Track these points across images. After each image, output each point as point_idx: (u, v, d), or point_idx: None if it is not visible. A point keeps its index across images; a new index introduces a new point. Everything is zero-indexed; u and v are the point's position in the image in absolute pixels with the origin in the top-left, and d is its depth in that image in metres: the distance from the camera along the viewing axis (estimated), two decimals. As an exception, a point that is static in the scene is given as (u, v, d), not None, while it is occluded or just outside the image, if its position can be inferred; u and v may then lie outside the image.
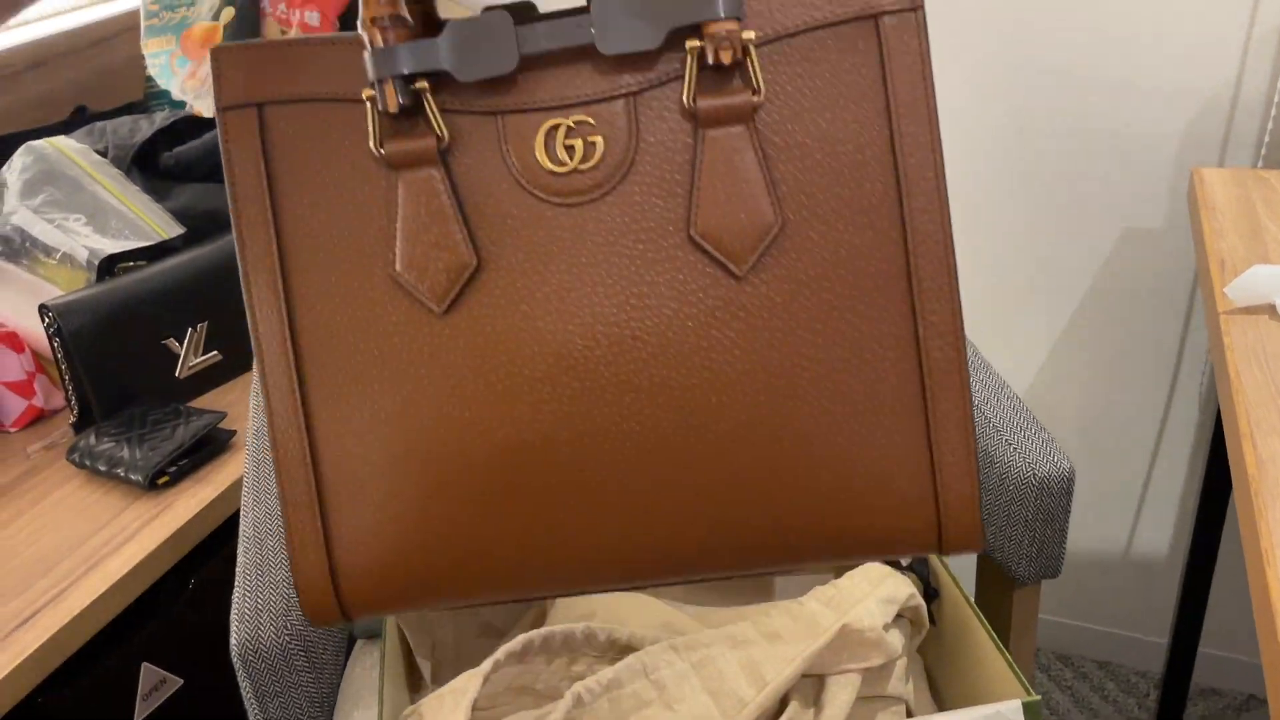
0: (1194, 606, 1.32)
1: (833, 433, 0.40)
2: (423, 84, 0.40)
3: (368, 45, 0.40)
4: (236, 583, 0.71)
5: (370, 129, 0.41)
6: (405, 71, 0.40)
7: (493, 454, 0.40)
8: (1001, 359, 1.45)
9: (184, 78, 1.32)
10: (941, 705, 0.86)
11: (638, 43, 0.39)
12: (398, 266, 0.41)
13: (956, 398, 0.40)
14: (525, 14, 0.41)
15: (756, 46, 0.40)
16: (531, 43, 0.39)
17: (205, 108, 1.33)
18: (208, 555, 0.99)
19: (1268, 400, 0.73)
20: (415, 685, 0.86)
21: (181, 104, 1.34)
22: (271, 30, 1.37)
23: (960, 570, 0.82)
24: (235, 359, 1.14)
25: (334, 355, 0.42)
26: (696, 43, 0.39)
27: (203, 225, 1.16)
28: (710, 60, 0.39)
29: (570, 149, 0.41)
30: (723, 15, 0.39)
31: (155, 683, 0.98)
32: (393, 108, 0.40)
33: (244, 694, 0.69)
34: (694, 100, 0.40)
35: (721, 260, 0.41)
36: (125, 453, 1.01)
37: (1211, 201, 1.04)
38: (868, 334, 0.40)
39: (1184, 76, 1.22)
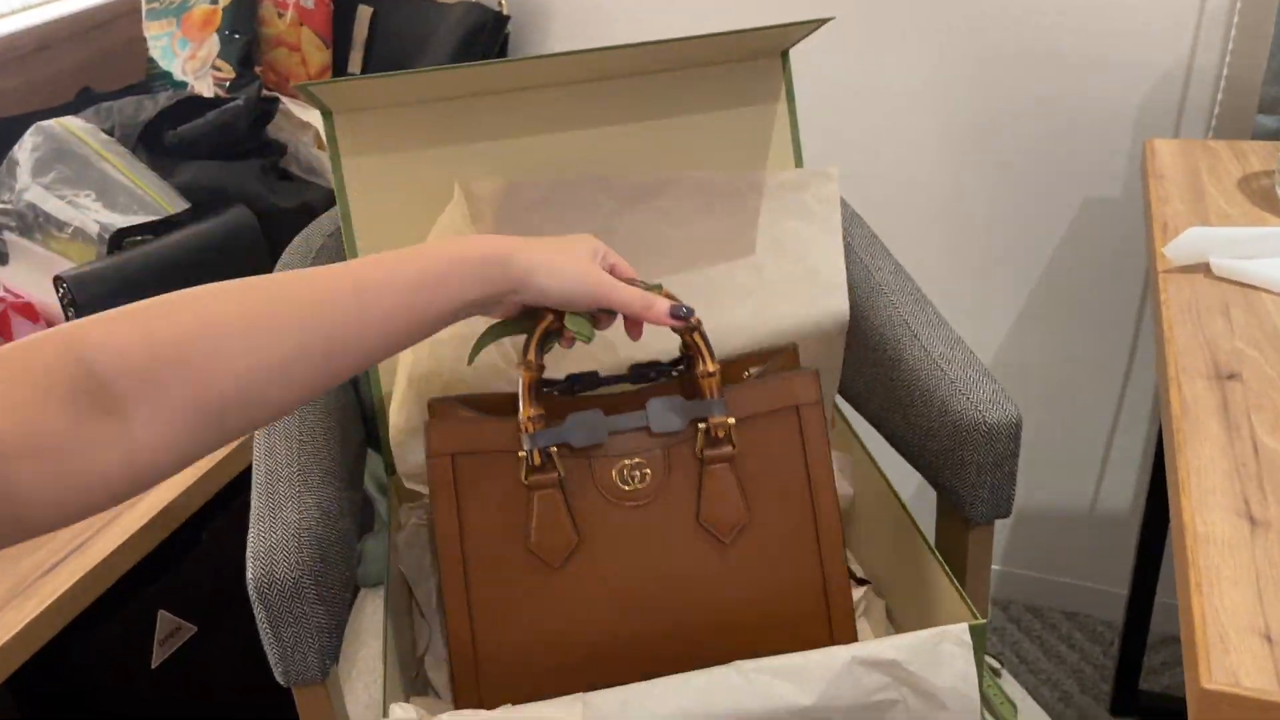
0: (1151, 557, 1.39)
1: (774, 624, 0.77)
2: (554, 449, 0.74)
3: (524, 431, 0.73)
4: (251, 524, 0.78)
5: (521, 471, 0.74)
6: (546, 446, 0.74)
7: (591, 639, 0.76)
8: (966, 328, 1.51)
9: (185, 59, 1.37)
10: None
11: (673, 425, 0.76)
12: (532, 542, 0.75)
13: (843, 609, 0.79)
14: (586, 379, 0.81)
15: (735, 424, 0.76)
16: (614, 426, 0.76)
17: (205, 87, 1.38)
18: (220, 509, 1.05)
19: (1195, 349, 0.80)
20: (416, 639, 0.93)
21: (183, 84, 1.39)
22: (269, 14, 1.42)
23: (919, 512, 0.88)
24: (240, 327, 1.20)
25: (497, 593, 0.76)
26: (704, 424, 0.75)
27: (206, 199, 1.21)
28: (711, 434, 0.75)
29: (633, 476, 0.76)
30: (717, 415, 0.75)
31: (171, 629, 1.04)
32: (537, 463, 0.74)
33: (259, 624, 0.76)
34: (701, 452, 0.76)
35: (716, 535, 0.76)
36: (139, 414, 1.07)
37: (1161, 170, 1.10)
38: (795, 573, 0.78)
39: (1140, 52, 1.28)
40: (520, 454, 0.74)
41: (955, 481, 0.86)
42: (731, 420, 0.75)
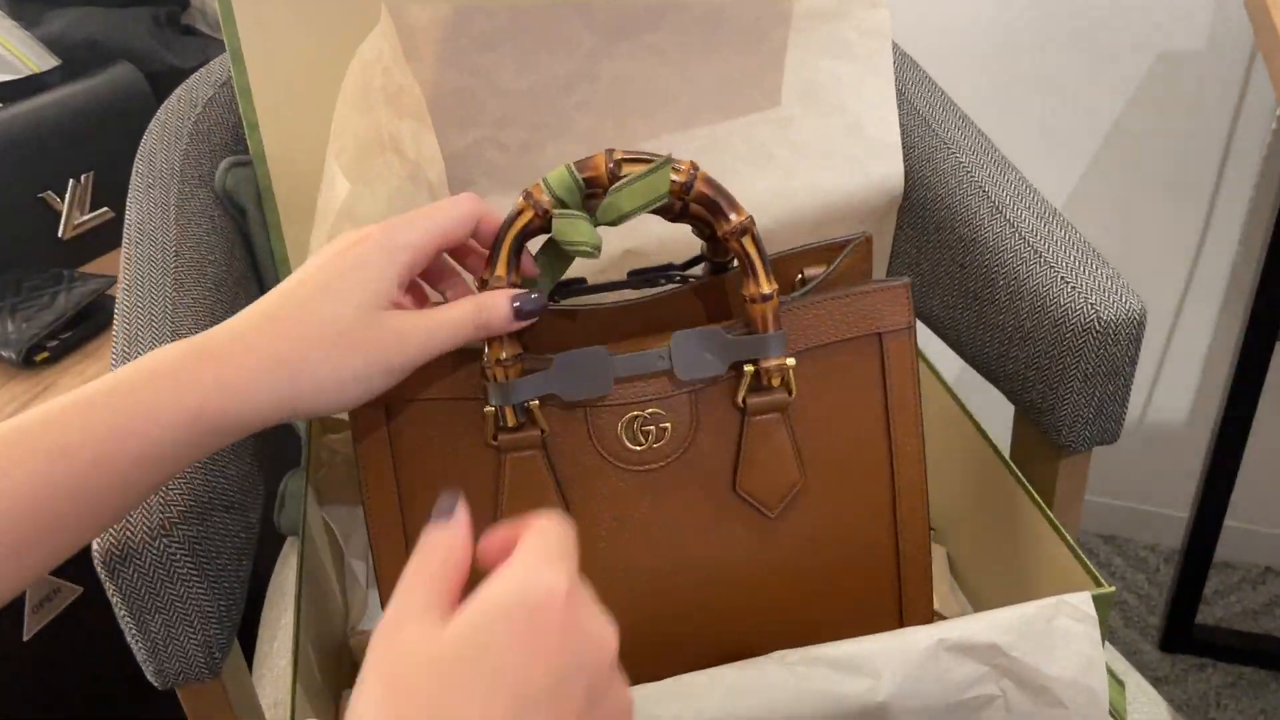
0: (1223, 478, 1.20)
1: (834, 616, 0.57)
2: (534, 403, 0.52)
3: (491, 379, 0.51)
4: (102, 472, 0.56)
5: (487, 428, 0.53)
6: (524, 401, 0.52)
7: None
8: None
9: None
10: (976, 602, 0.74)
11: (707, 371, 0.53)
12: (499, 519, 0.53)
13: (921, 588, 0.57)
14: (571, 286, 0.58)
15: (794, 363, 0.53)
16: (622, 369, 0.53)
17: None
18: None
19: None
20: (348, 599, 0.72)
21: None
22: None
23: (994, 435, 0.68)
24: (129, 215, 0.97)
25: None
26: (751, 368, 0.52)
27: (82, 55, 0.97)
28: (761, 379, 0.53)
29: (646, 433, 0.54)
30: (774, 355, 0.52)
31: (47, 592, 0.84)
32: (511, 424, 0.52)
33: (116, 611, 0.55)
34: (744, 401, 0.53)
35: (758, 508, 0.55)
36: (-10, 324, 0.84)
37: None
38: (862, 551, 0.56)
39: None
40: (487, 410, 0.52)
41: (1050, 398, 0.66)
42: (791, 362, 0.52)
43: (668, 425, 0.53)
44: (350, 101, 0.62)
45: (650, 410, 0.54)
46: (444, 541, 0.37)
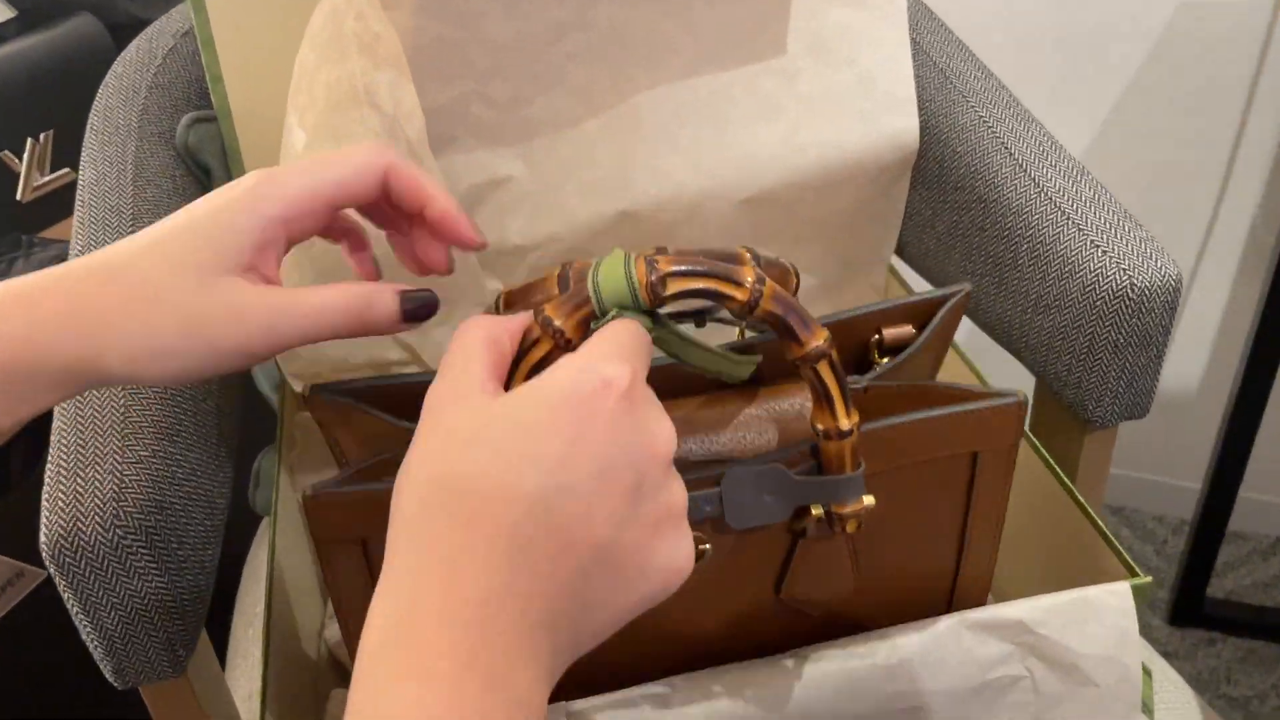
0: (1239, 449, 1.16)
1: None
2: None
3: None
4: (50, 457, 0.52)
5: None
6: None
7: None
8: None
9: None
10: (996, 586, 0.70)
11: (764, 520, 0.43)
12: None
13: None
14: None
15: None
16: None
17: None
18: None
19: None
20: (324, 583, 0.68)
21: None
22: None
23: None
24: (93, 177, 0.91)
25: None
26: (820, 510, 0.43)
27: (40, 6, 0.91)
28: (833, 529, 0.43)
29: None
30: (850, 501, 0.42)
31: (9, 577, 0.79)
32: None
33: (68, 605, 0.50)
34: (803, 531, 0.44)
35: (802, 608, 0.48)
36: (-58, 293, 0.79)
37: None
38: (916, 611, 0.49)
39: None
40: None
41: (1076, 369, 0.61)
42: (870, 501, 0.43)
43: (706, 548, 0.43)
44: (318, 49, 0.57)
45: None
46: (484, 324, 0.36)
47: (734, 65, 0.68)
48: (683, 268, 0.37)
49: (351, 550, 0.42)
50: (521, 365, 0.37)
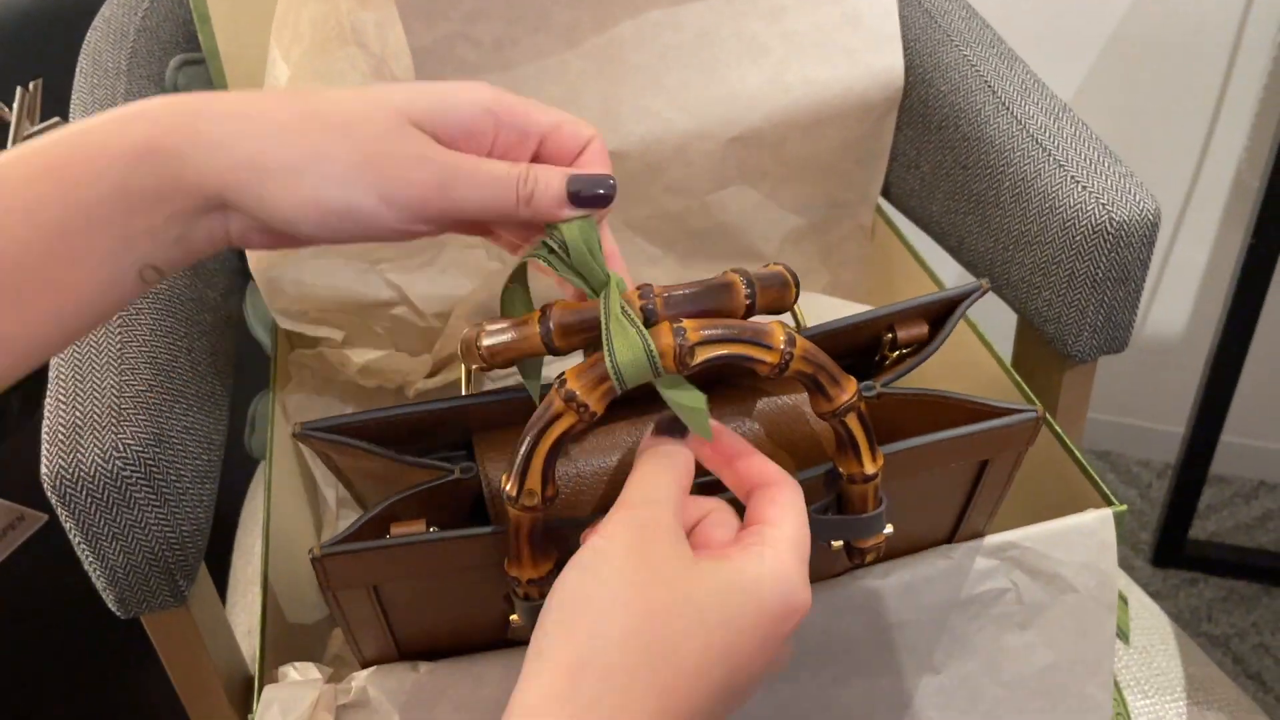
0: (1222, 392, 1.18)
1: None
2: None
3: (521, 598, 0.40)
4: (49, 392, 0.53)
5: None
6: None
7: None
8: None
9: None
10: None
11: None
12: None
13: None
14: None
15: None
16: None
17: None
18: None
19: None
20: (320, 521, 0.69)
21: None
22: None
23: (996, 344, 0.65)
24: (82, 124, 0.91)
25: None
26: (840, 545, 0.43)
27: (24, -47, 0.91)
28: (851, 561, 0.44)
29: None
30: (869, 537, 0.43)
31: (10, 520, 0.80)
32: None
33: (70, 537, 0.52)
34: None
35: None
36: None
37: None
38: None
39: None
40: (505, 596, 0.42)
41: (1056, 304, 0.62)
42: (889, 530, 0.43)
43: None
44: (304, -14, 0.57)
45: None
46: (679, 457, 0.36)
47: (720, 3, 0.68)
48: (714, 333, 0.36)
49: (361, 593, 0.42)
50: (544, 440, 0.36)
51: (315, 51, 0.56)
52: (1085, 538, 0.52)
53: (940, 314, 0.45)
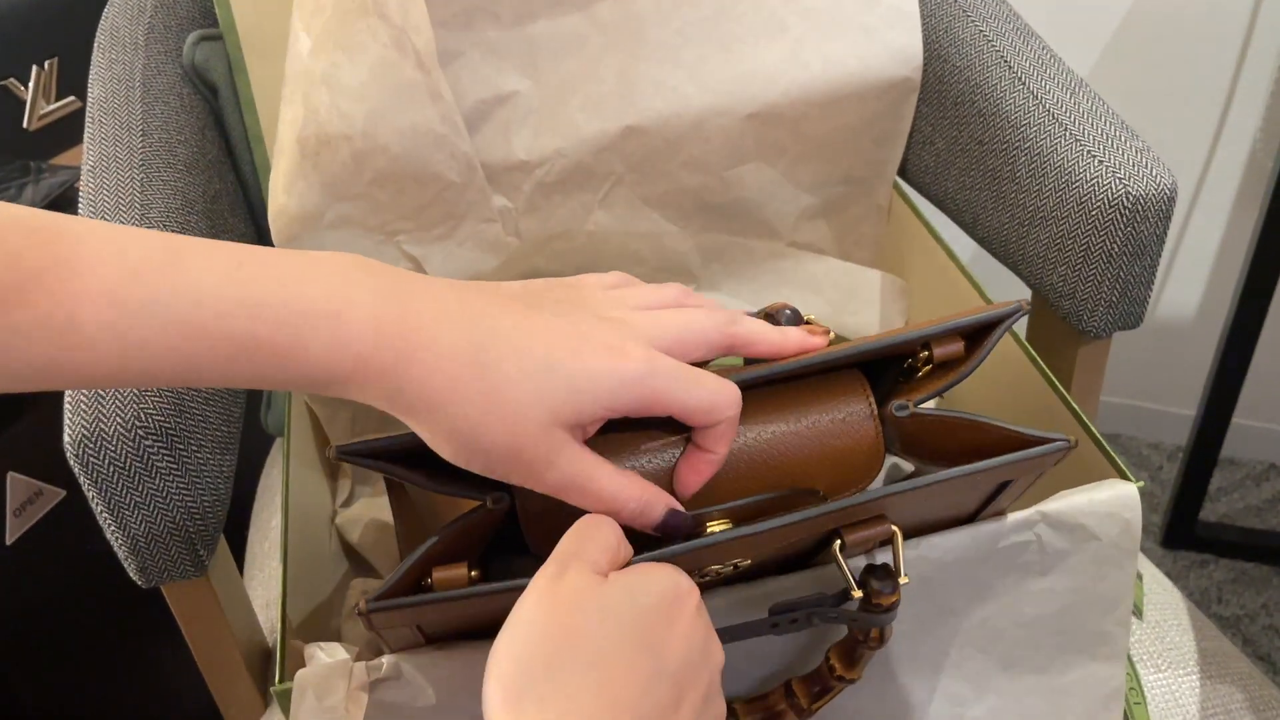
0: (1233, 375, 1.18)
1: None
2: None
3: None
4: (71, 362, 0.53)
5: None
6: None
7: None
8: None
9: None
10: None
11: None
12: None
13: None
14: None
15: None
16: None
17: None
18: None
19: None
20: (335, 492, 0.70)
21: None
22: None
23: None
24: (98, 102, 0.91)
25: None
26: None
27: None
28: (857, 639, 0.47)
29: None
30: (886, 625, 0.45)
31: (29, 495, 0.81)
32: None
33: (93, 506, 0.52)
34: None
35: None
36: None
37: None
38: None
39: None
40: None
41: (1072, 280, 0.63)
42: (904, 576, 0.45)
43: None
44: (325, -43, 0.57)
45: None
46: (615, 532, 0.39)
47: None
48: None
49: (404, 631, 0.43)
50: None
51: (336, 22, 0.56)
52: (1106, 493, 0.51)
53: (977, 333, 0.45)
